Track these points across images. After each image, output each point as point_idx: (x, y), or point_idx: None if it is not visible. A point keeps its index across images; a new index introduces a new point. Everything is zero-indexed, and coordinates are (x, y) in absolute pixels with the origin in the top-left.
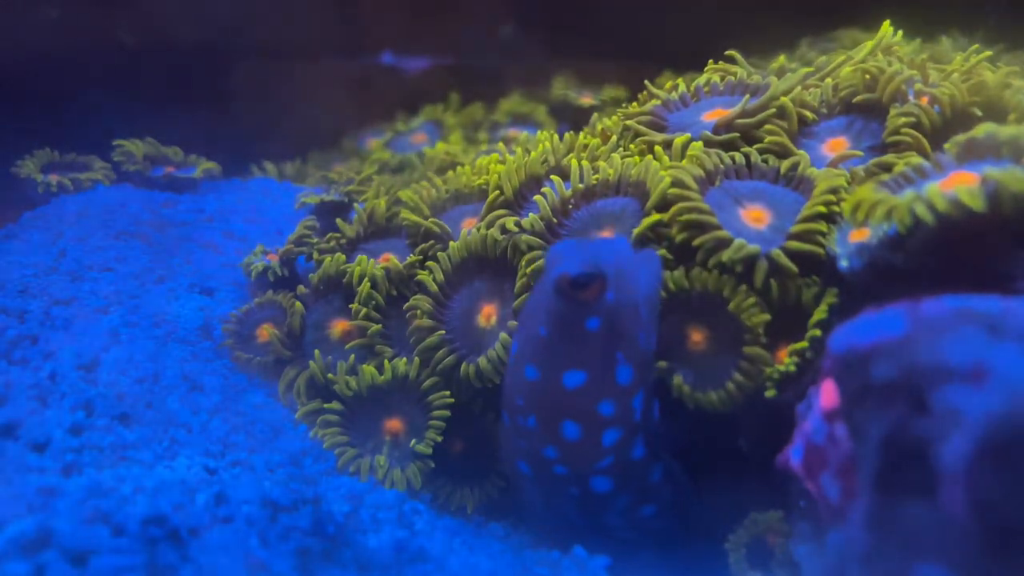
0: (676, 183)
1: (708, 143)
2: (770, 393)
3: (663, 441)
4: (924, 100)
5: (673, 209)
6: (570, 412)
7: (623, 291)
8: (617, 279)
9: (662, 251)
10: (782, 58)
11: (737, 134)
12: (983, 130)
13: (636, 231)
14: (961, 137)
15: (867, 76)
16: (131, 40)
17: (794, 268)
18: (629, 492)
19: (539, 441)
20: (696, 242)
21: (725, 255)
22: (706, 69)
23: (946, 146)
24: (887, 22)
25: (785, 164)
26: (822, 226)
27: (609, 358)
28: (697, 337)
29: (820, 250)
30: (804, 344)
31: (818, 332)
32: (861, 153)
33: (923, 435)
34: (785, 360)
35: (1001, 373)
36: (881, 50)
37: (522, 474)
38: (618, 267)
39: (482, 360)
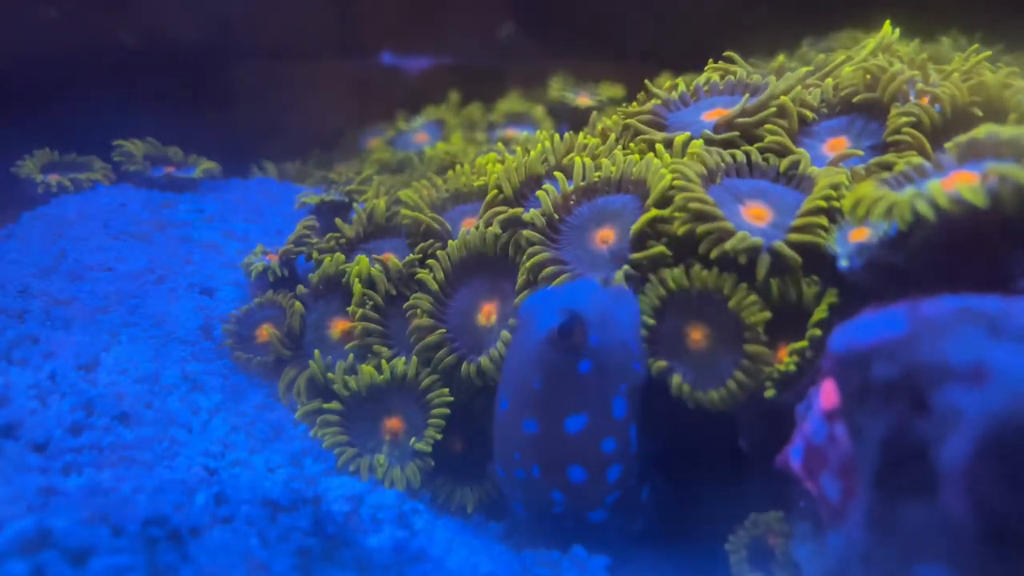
0: (679, 176)
1: (708, 142)
2: (770, 393)
3: (646, 459)
4: (924, 100)
5: (677, 198)
6: (574, 457)
7: (605, 329)
8: (597, 320)
9: (660, 248)
10: (781, 58)
11: (737, 133)
12: (984, 130)
13: (634, 227)
14: (962, 137)
15: (868, 76)
16: (131, 40)
17: (797, 257)
18: (622, 515)
19: (544, 489)
20: (700, 230)
21: (728, 244)
22: (706, 69)
23: (947, 146)
24: (888, 22)
25: (785, 162)
26: (822, 219)
27: (605, 396)
28: (697, 336)
29: (821, 240)
30: (804, 344)
31: (818, 332)
32: (862, 152)
33: (923, 435)
34: (785, 360)
35: (1001, 373)
36: (881, 50)
37: (517, 512)
38: (595, 308)
39: (484, 359)
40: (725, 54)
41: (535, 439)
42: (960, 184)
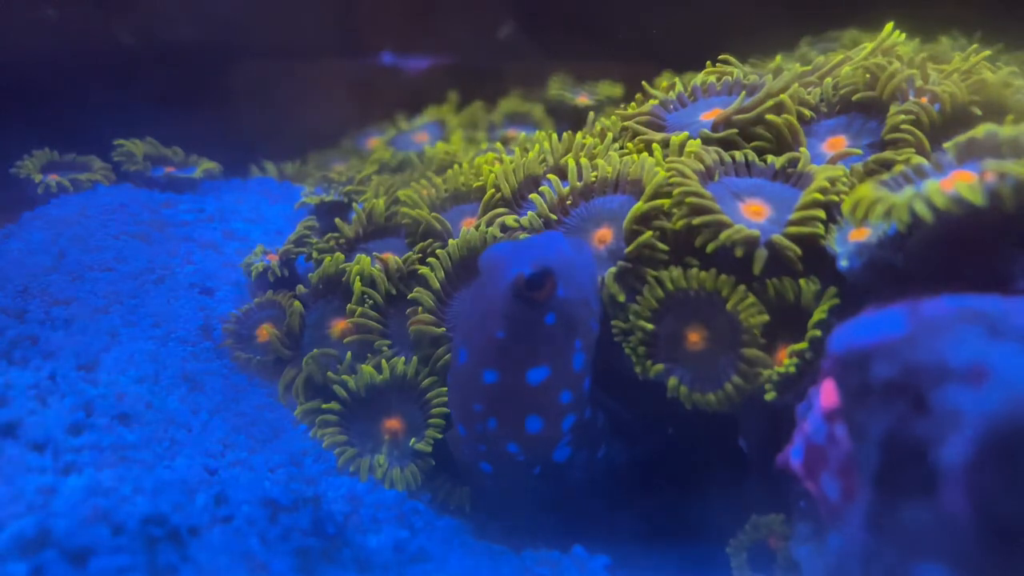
0: (676, 173)
1: (706, 141)
2: (770, 396)
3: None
4: (924, 99)
5: (676, 192)
6: (533, 407)
7: (571, 284)
8: (566, 273)
9: (648, 233)
10: (779, 58)
11: (735, 130)
12: (983, 130)
13: (627, 221)
14: (961, 137)
15: (867, 75)
16: (131, 40)
17: (796, 248)
18: (584, 447)
19: (501, 441)
20: (696, 222)
21: (724, 235)
22: (705, 70)
23: (946, 146)
24: (891, 24)
25: (781, 159)
26: (819, 212)
27: (568, 349)
28: (695, 337)
29: (819, 231)
30: (804, 345)
31: (818, 332)
32: (860, 151)
33: (923, 435)
34: (785, 361)
35: (1001, 373)
36: (881, 51)
37: (485, 474)
38: (563, 262)
39: None
40: (721, 57)
41: (495, 389)
42: (959, 183)
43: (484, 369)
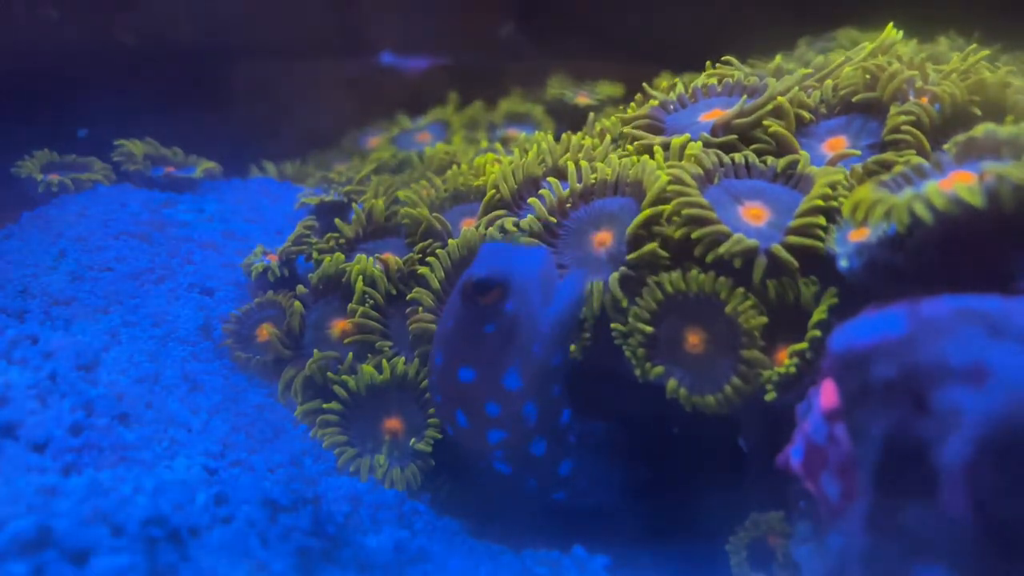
0: (674, 180)
1: (706, 144)
2: (770, 396)
3: (576, 445)
4: (924, 100)
5: (672, 204)
6: (461, 403)
7: (524, 303)
8: (521, 290)
9: (652, 245)
10: (779, 58)
11: (735, 135)
12: (982, 129)
13: (630, 229)
14: (961, 137)
15: (867, 76)
16: (131, 40)
17: (794, 262)
18: (535, 479)
19: (443, 418)
20: (695, 235)
21: (723, 248)
22: (705, 72)
23: (945, 146)
24: (891, 24)
25: (783, 162)
26: (820, 219)
27: (498, 363)
28: (694, 339)
29: (820, 244)
30: (804, 346)
31: (818, 333)
32: (859, 152)
33: (923, 435)
34: (785, 362)
35: (1001, 373)
36: (881, 52)
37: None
38: (525, 278)
39: None
40: (723, 58)
41: (438, 371)
42: (958, 184)
43: (436, 350)
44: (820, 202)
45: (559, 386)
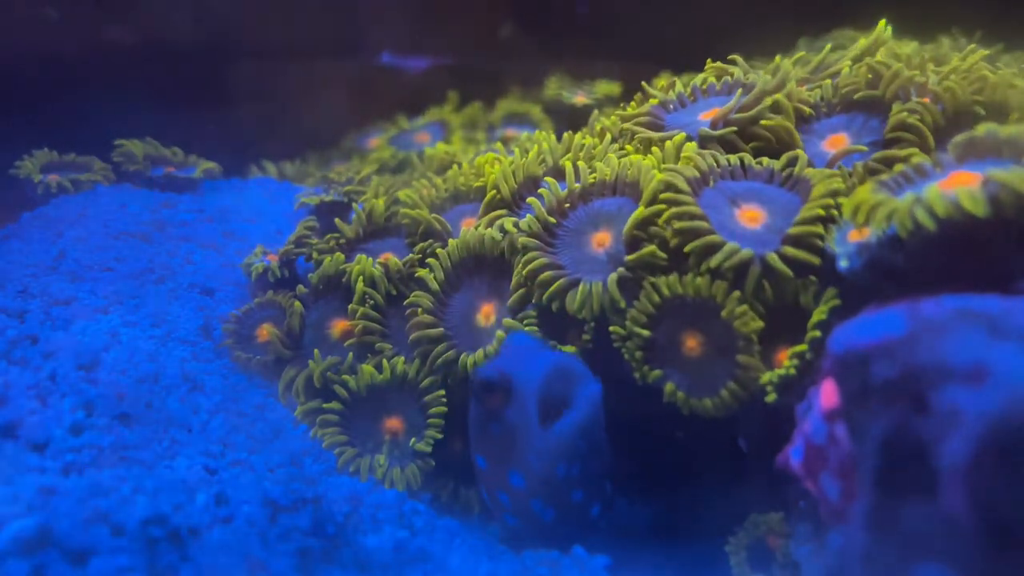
0: (668, 187)
1: (705, 140)
2: (771, 398)
3: (611, 525)
4: (926, 100)
5: (665, 214)
6: (482, 480)
7: (522, 414)
8: (520, 402)
9: (651, 248)
10: (778, 58)
11: (734, 128)
12: (984, 129)
13: (626, 230)
14: (962, 136)
15: (870, 74)
16: (131, 40)
17: (790, 273)
18: (570, 522)
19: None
20: (687, 249)
21: (714, 260)
22: (705, 70)
23: (948, 146)
24: (883, 21)
25: (781, 161)
26: (819, 229)
27: (504, 460)
28: (692, 343)
29: (816, 260)
30: (803, 347)
31: (818, 333)
32: (865, 148)
33: (923, 435)
34: (785, 363)
35: (1001, 373)
36: (875, 47)
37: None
38: (527, 390)
39: (479, 354)
40: (730, 58)
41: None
42: (959, 188)
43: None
44: (821, 211)
45: (580, 492)
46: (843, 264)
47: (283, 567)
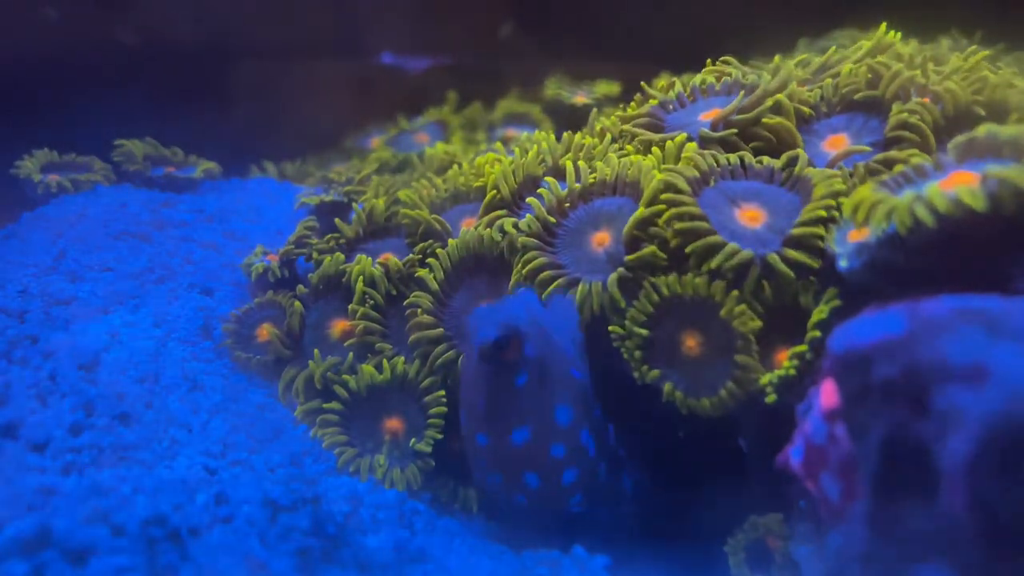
0: (668, 187)
1: (706, 140)
2: (771, 399)
3: (624, 459)
4: (926, 100)
5: (666, 215)
6: (528, 464)
7: (542, 340)
8: (534, 332)
9: (652, 248)
10: (778, 58)
11: (735, 130)
12: (984, 129)
13: (626, 230)
14: (962, 137)
15: (870, 74)
16: (131, 40)
17: (791, 275)
18: (605, 505)
19: (509, 493)
20: (688, 250)
21: (715, 261)
22: (704, 70)
23: (948, 146)
24: (884, 24)
25: (782, 159)
26: (820, 230)
27: (546, 406)
28: (691, 343)
29: (816, 263)
30: (803, 348)
31: (818, 333)
32: (868, 148)
33: (923, 435)
34: (785, 363)
35: (1001, 373)
36: (879, 51)
37: (505, 506)
38: (530, 319)
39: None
40: (723, 59)
41: (488, 451)
42: (959, 186)
43: (476, 433)
44: (823, 212)
45: (598, 407)
46: (843, 264)
47: (283, 567)
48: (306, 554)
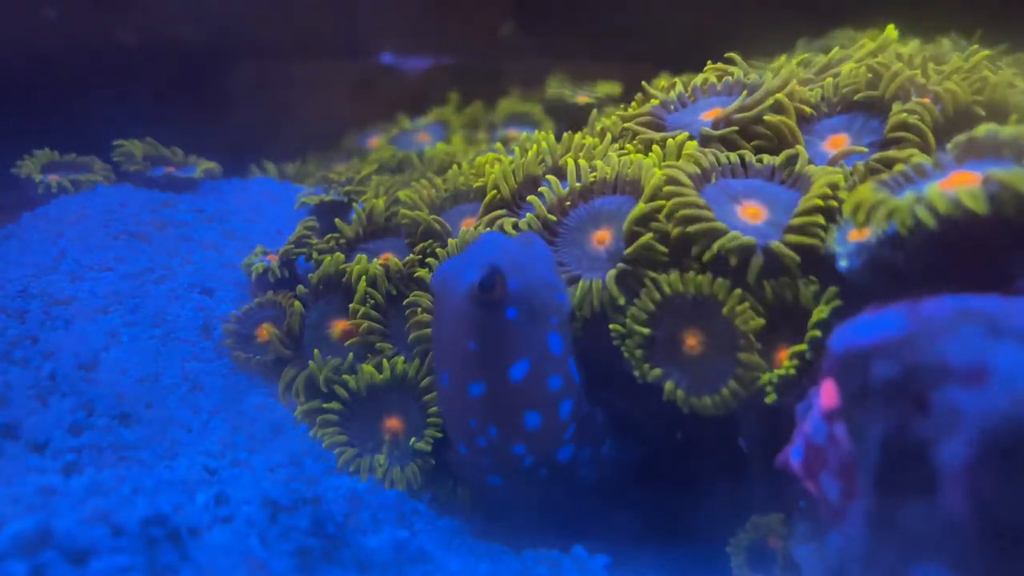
0: (670, 180)
1: (707, 139)
2: (771, 399)
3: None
4: (926, 100)
5: (669, 204)
6: (526, 403)
7: (522, 272)
8: (512, 266)
9: (648, 236)
10: (784, 58)
11: (736, 128)
12: (984, 130)
13: (626, 225)
14: (962, 137)
15: (869, 74)
16: (131, 40)
17: (795, 256)
18: (587, 444)
19: (505, 445)
20: (690, 229)
21: (717, 244)
22: (705, 70)
23: (948, 146)
24: (891, 26)
25: (781, 158)
26: (820, 219)
27: (540, 335)
28: (692, 341)
29: (819, 243)
30: (803, 347)
31: (818, 333)
32: (866, 149)
33: (923, 435)
34: (785, 363)
35: (1001, 373)
36: (881, 51)
37: (494, 487)
38: (506, 256)
39: None
40: (727, 55)
41: (485, 399)
42: (960, 188)
43: (468, 383)
44: (819, 202)
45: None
46: (843, 264)
47: (283, 567)
48: (306, 554)
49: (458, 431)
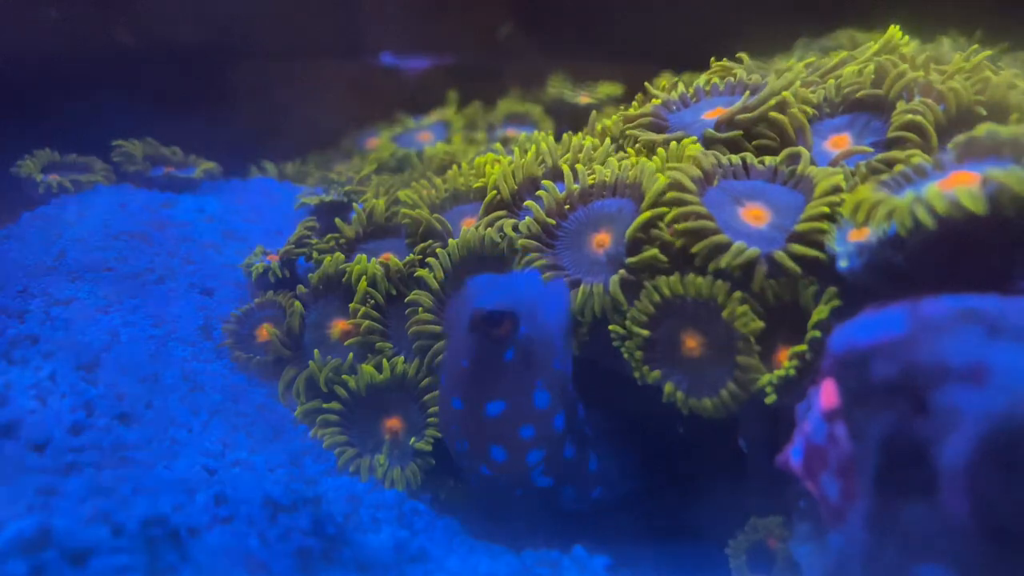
0: (674, 186)
1: (710, 140)
2: (771, 399)
3: (594, 436)
4: (928, 100)
5: (670, 215)
6: (495, 438)
7: (536, 323)
8: (529, 313)
9: (653, 251)
10: (792, 61)
11: (740, 131)
12: (984, 129)
13: (629, 232)
14: (962, 137)
15: (872, 74)
16: (131, 40)
17: (798, 270)
18: (573, 484)
19: (473, 463)
20: (694, 249)
21: (723, 260)
22: (708, 70)
23: (948, 146)
24: (895, 26)
25: (782, 157)
26: (825, 225)
27: (527, 386)
28: (692, 343)
29: (823, 255)
30: (803, 347)
31: (818, 333)
32: (869, 149)
33: (923, 435)
34: (785, 364)
35: (1001, 373)
36: (886, 52)
37: (476, 482)
38: (530, 301)
39: None
40: (737, 56)
41: (461, 415)
42: (959, 187)
43: (452, 395)
44: (826, 209)
45: (571, 384)
46: (843, 264)
47: (283, 567)
48: (306, 554)
49: (442, 428)
